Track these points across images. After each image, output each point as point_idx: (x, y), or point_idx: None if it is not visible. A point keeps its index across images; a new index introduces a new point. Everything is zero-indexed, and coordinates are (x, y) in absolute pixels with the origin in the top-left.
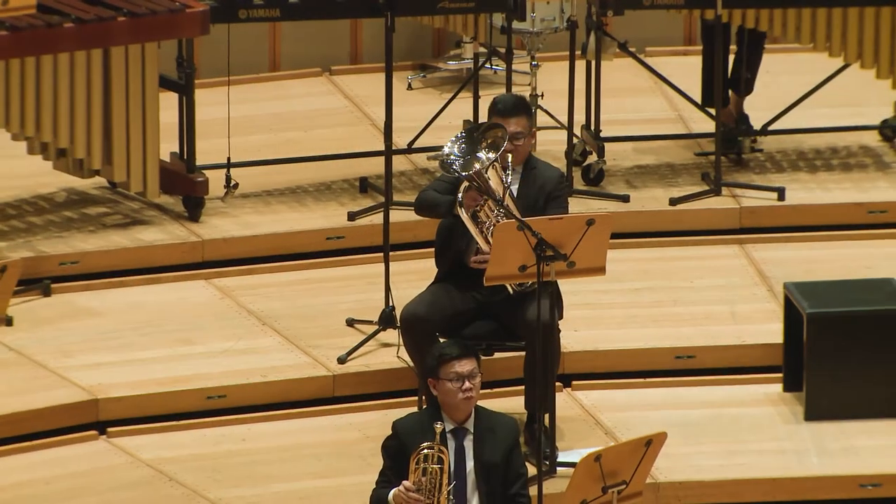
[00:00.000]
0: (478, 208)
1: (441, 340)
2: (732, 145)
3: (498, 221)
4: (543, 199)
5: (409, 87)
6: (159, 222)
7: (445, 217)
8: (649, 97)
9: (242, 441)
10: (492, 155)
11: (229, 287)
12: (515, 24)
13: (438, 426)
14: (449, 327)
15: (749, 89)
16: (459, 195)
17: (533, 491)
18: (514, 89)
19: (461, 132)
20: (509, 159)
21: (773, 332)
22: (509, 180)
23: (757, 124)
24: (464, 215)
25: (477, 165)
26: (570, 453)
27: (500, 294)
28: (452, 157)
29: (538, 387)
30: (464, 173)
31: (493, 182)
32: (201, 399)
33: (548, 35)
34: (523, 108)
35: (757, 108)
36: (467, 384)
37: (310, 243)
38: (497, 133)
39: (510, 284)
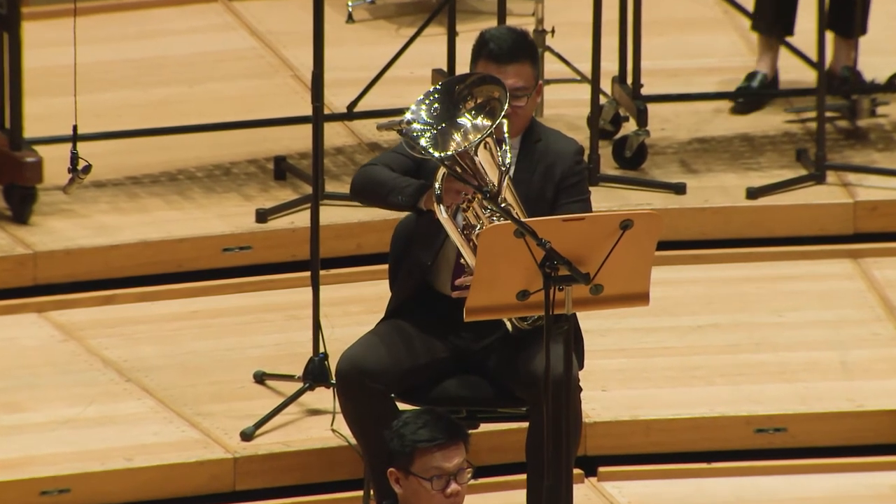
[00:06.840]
0: (464, 205)
1: (398, 406)
2: (843, 107)
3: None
4: (553, 187)
5: (350, 20)
6: None
7: (401, 209)
8: (715, 34)
9: None
10: (482, 123)
11: (76, 323)
12: None
13: None
14: (410, 385)
15: (863, 27)
16: (437, 185)
17: None
18: (510, 22)
19: (435, 87)
20: (505, 128)
21: None
22: (507, 161)
23: (880, 75)
24: (443, 215)
25: (458, 139)
26: None
27: (490, 335)
28: (419, 125)
29: (548, 475)
30: (440, 154)
31: (486, 165)
32: (33, 494)
33: None
34: (526, 49)
35: (878, 52)
36: (453, 486)
37: (198, 257)
38: (493, 92)
39: (507, 319)
